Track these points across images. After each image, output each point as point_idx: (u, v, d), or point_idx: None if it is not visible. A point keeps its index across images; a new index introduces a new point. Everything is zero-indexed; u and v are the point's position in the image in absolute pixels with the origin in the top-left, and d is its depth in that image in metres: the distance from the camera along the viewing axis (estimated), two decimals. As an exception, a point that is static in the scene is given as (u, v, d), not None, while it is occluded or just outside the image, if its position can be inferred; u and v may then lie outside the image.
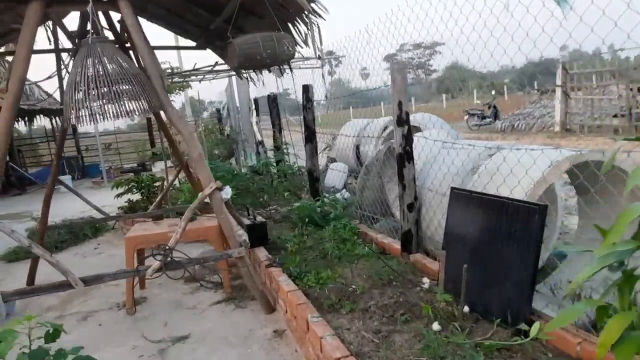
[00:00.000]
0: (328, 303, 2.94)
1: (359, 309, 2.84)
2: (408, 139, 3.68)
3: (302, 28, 3.73)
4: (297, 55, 3.82)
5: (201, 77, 8.35)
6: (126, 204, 6.79)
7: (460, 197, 3.06)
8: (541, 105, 17.37)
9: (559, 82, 14.61)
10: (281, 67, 4.59)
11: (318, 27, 3.35)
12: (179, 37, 5.82)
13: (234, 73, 8.89)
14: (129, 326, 3.51)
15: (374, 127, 8.29)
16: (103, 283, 3.19)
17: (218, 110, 13.84)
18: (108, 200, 7.14)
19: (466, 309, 2.70)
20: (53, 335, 1.60)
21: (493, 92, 20.16)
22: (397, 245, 3.91)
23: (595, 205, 3.03)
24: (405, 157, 3.68)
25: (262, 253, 3.97)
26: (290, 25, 3.82)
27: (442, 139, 4.08)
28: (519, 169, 2.82)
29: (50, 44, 4.24)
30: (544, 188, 2.88)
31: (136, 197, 6.88)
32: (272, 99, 7.99)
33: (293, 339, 3.06)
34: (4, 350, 1.32)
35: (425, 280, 3.23)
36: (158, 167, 13.50)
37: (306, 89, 5.87)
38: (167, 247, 3.06)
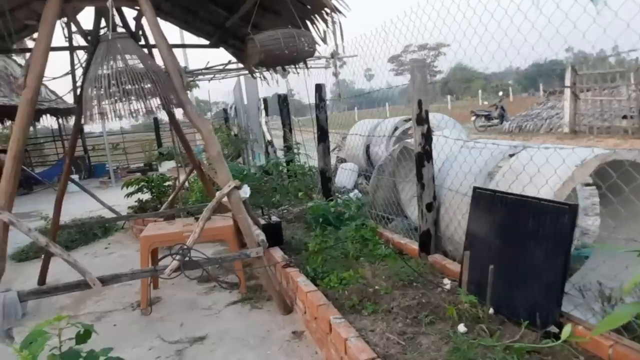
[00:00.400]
0: (349, 304, 2.88)
1: (382, 310, 2.78)
2: (427, 138, 3.62)
3: (321, 25, 3.68)
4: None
5: (211, 76, 8.31)
6: (136, 203, 6.75)
7: (484, 197, 3.00)
8: (549, 106, 17.28)
9: (568, 83, 14.51)
10: (296, 66, 4.54)
11: (340, 25, 3.29)
12: (184, 35, 5.80)
13: (245, 72, 8.86)
14: (144, 326, 3.46)
15: (385, 127, 8.24)
16: (119, 283, 3.15)
17: (225, 110, 13.81)
18: (116, 199, 7.11)
19: (491, 310, 2.64)
20: (84, 336, 1.55)
21: (500, 93, 20.06)
22: (414, 245, 3.86)
23: (620, 206, 2.96)
24: (425, 156, 3.62)
25: (277, 253, 3.92)
26: (308, 22, 3.77)
27: (462, 138, 4.02)
28: (547, 168, 2.75)
29: (64, 41, 4.20)
30: (572, 187, 2.82)
31: (146, 196, 6.85)
32: (283, 99, 7.95)
33: (313, 340, 3.01)
34: (36, 351, 1.27)
35: (446, 281, 3.17)
36: (165, 167, 13.48)
37: (319, 88, 5.82)
38: (186, 247, 3.01)
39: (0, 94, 11.38)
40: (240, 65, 8.03)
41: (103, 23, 4.14)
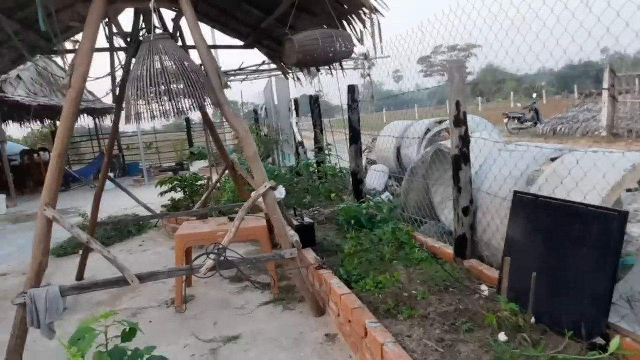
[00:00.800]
0: (384, 308, 2.83)
1: (418, 315, 2.72)
2: (465, 141, 3.53)
3: (358, 25, 3.65)
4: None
5: (244, 77, 8.40)
6: (169, 202, 6.88)
7: (525, 202, 2.90)
8: (585, 109, 16.69)
9: (606, 85, 13.97)
10: (331, 67, 4.53)
11: (379, 25, 3.25)
12: (215, 36, 5.86)
13: (277, 73, 8.92)
14: (179, 324, 3.50)
15: (417, 130, 8.12)
16: (156, 281, 3.20)
17: (255, 111, 13.94)
18: (149, 198, 7.25)
19: (532, 319, 2.54)
20: (129, 334, 1.57)
21: (535, 95, 19.51)
22: (448, 250, 3.78)
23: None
24: (462, 159, 3.54)
25: (310, 255, 3.91)
26: (345, 22, 3.74)
27: (501, 140, 3.90)
28: (595, 172, 2.64)
29: (105, 43, 4.32)
30: (620, 193, 2.69)
31: (179, 195, 6.97)
32: (314, 100, 7.95)
33: (346, 344, 2.97)
34: (85, 349, 1.29)
35: (484, 287, 3.08)
36: (196, 167, 13.71)
37: (352, 90, 5.79)
38: (221, 246, 3.03)
39: (41, 94, 11.83)
40: (273, 66, 8.11)
41: (142, 25, 4.25)
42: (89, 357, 1.33)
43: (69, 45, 4.86)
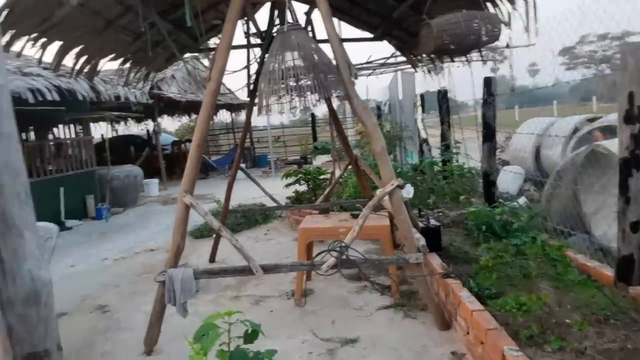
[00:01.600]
0: (526, 334, 2.44)
1: (571, 349, 2.28)
2: (638, 141, 2.89)
3: (506, 6, 3.22)
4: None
5: (369, 72, 8.27)
6: (293, 194, 7.09)
7: None
8: None
9: None
10: (467, 56, 4.13)
11: (534, 5, 2.81)
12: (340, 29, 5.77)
13: (403, 67, 8.62)
14: (297, 318, 3.51)
15: (561, 128, 7.15)
16: (279, 273, 3.23)
17: (378, 107, 13.77)
18: (275, 189, 7.57)
19: None
20: (251, 336, 1.52)
21: None
22: (606, 271, 3.15)
23: None
24: (633, 162, 2.90)
25: (435, 260, 3.61)
26: (489, 4, 3.34)
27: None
28: None
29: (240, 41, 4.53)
30: None
31: (302, 188, 7.14)
32: (443, 95, 7.49)
33: (476, 366, 2.64)
34: (208, 347, 1.26)
35: (660, 324, 2.48)
36: (318, 161, 14.08)
37: (488, 82, 5.25)
38: (344, 244, 2.92)
39: (189, 91, 13.21)
40: (399, 60, 7.82)
41: (276, 21, 4.36)
42: (210, 353, 1.31)
43: (211, 44, 5.23)
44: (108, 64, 4.49)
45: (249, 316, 3.45)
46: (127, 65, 4.65)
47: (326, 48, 3.20)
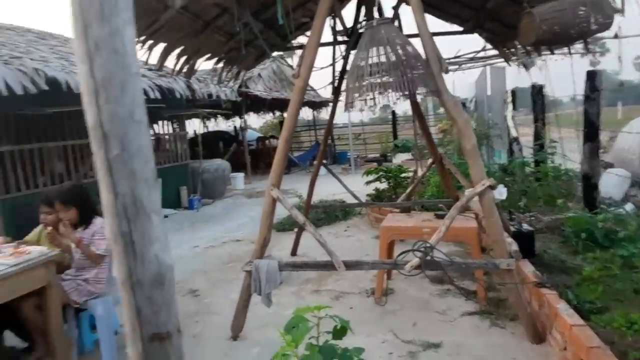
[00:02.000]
0: (635, 355, 2.19)
1: (694, 378, 2.00)
2: None
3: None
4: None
5: (456, 67, 7.94)
6: (373, 192, 7.03)
7: None
8: None
9: None
10: (569, 47, 3.79)
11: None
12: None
13: (492, 61, 8.17)
14: (377, 316, 3.48)
15: (682, 127, 6.31)
16: (360, 270, 3.22)
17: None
18: (355, 186, 7.56)
19: None
20: (340, 332, 1.53)
21: None
22: None
23: None
24: None
25: (527, 268, 3.36)
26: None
27: None
28: None
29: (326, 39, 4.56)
30: None
31: (382, 186, 7.06)
32: (537, 90, 6.96)
33: (574, 386, 2.42)
34: (299, 339, 1.28)
35: None
36: (398, 159, 13.83)
37: (592, 76, 4.79)
38: (428, 245, 2.83)
39: (274, 89, 13.67)
40: (489, 54, 7.40)
41: (362, 17, 4.34)
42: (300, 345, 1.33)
43: (295, 43, 5.35)
44: (203, 64, 4.79)
45: (330, 311, 3.52)
46: (220, 64, 4.91)
47: (414, 43, 3.13)
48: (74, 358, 2.98)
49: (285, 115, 18.74)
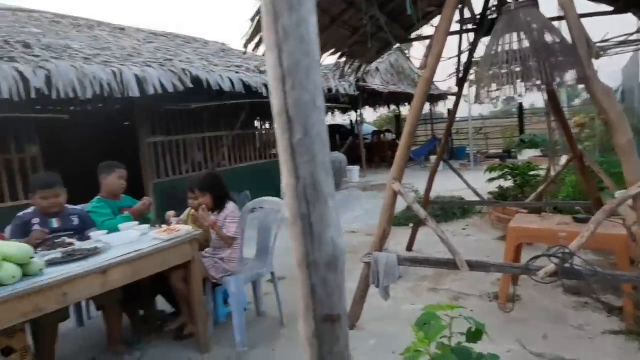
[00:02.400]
0: None
1: None
2: None
3: None
4: None
5: (602, 52, 6.98)
6: (496, 190, 6.58)
7: None
8: None
9: None
10: None
11: None
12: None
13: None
14: (502, 324, 3.25)
15: None
16: (485, 272, 3.04)
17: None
18: (474, 183, 7.11)
19: None
20: (475, 335, 1.47)
21: None
22: None
23: None
24: None
25: (694, 286, 2.85)
26: None
27: None
28: None
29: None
30: None
31: (507, 184, 6.57)
32: None
33: None
34: (433, 337, 1.26)
35: None
36: (525, 156, 12.73)
37: None
38: (568, 251, 2.55)
39: (391, 82, 13.53)
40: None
41: (491, 3, 4.05)
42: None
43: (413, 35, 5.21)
44: (326, 60, 4.93)
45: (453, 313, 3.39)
46: (343, 59, 5.00)
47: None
48: (211, 327, 3.34)
49: (400, 109, 18.44)
